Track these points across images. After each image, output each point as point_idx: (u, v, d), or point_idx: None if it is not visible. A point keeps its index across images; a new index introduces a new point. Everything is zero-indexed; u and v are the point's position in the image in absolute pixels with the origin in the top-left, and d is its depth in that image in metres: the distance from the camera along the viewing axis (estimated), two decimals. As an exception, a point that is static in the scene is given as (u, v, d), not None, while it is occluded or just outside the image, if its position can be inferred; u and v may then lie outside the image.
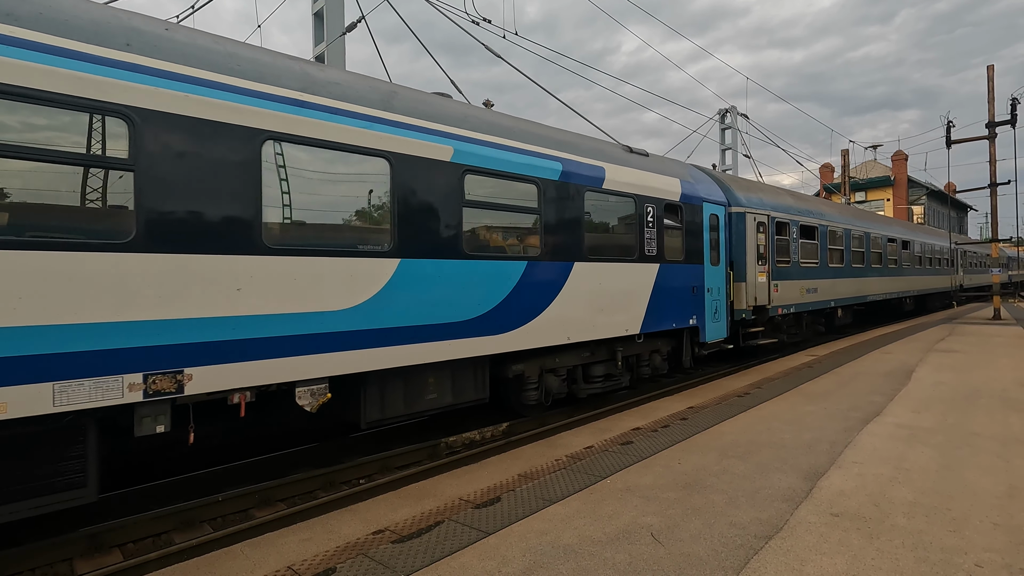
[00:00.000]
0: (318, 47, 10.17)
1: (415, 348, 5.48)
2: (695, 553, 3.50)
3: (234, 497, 5.22)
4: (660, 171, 8.95)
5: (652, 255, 8.39)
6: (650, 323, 8.33)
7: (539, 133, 7.26)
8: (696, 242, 9.37)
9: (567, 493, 4.56)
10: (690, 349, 9.64)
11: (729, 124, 23.54)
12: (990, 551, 3.47)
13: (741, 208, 10.87)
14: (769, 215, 11.59)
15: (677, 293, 8.83)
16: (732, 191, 10.97)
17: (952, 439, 5.81)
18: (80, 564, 4.31)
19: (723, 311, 10.06)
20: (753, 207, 11.20)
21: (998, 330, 16.55)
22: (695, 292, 9.25)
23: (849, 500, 4.27)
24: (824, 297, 14.02)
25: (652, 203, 8.43)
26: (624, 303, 7.90)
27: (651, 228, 8.39)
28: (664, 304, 8.59)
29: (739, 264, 10.81)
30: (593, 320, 7.43)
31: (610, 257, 7.74)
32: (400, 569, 3.42)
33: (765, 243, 11.37)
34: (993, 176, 19.97)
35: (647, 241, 8.31)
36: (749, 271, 10.85)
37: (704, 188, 9.85)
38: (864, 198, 44.49)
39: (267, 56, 4.97)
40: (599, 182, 7.59)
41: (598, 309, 7.49)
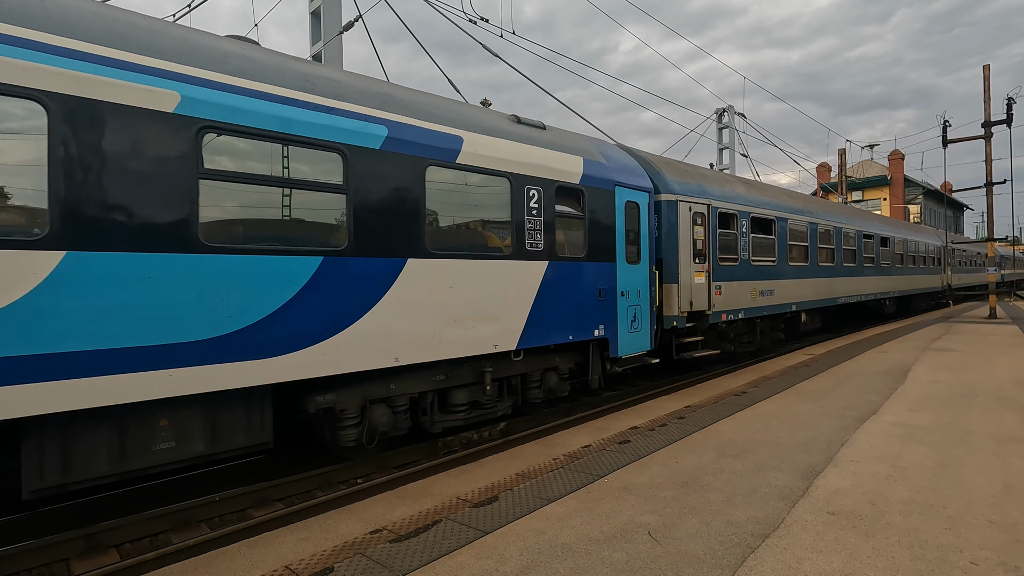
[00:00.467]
0: (315, 46, 10.15)
1: (106, 382, 3.82)
2: (692, 552, 3.51)
3: (231, 497, 5.22)
4: (556, 146, 7.28)
5: (537, 250, 6.75)
6: (534, 336, 6.73)
7: (350, 85, 5.44)
8: (605, 235, 7.74)
9: (565, 492, 4.57)
10: (599, 366, 7.97)
11: (726, 123, 23.57)
12: (985, 549, 3.48)
13: (673, 196, 9.30)
14: (710, 205, 10.08)
15: (575, 298, 7.24)
16: (662, 175, 9.39)
17: (948, 438, 5.83)
18: (77, 564, 4.30)
19: (645, 318, 8.50)
20: (689, 195, 9.67)
21: (994, 329, 16.61)
22: (603, 296, 7.66)
23: (845, 498, 4.29)
24: (783, 300, 12.48)
25: (538, 185, 6.77)
26: (492, 312, 6.25)
27: (535, 217, 6.72)
28: (555, 312, 6.97)
29: (669, 262, 9.27)
30: (440, 334, 5.76)
31: (469, 252, 6.09)
32: (398, 568, 3.42)
33: (705, 237, 9.88)
34: (989, 175, 20.04)
35: (529, 233, 6.64)
36: (683, 270, 9.37)
37: (619, 170, 8.19)
38: (861, 197, 44.62)
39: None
40: (451, 155, 5.91)
41: (449, 320, 5.82)
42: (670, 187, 9.43)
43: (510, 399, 7.09)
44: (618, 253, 7.97)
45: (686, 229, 9.53)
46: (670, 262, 9.32)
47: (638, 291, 8.38)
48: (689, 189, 9.80)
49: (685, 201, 9.54)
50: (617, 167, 8.17)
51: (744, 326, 11.84)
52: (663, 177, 9.44)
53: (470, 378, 6.50)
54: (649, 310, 8.64)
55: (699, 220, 9.83)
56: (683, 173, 10.08)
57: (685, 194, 9.61)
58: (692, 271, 9.58)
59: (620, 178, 8.10)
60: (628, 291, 8.13)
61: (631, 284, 8.22)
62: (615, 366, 8.15)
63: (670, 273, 9.32)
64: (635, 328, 8.31)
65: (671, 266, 9.31)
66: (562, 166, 7.20)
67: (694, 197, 9.81)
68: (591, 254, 7.56)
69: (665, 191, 9.35)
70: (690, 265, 9.54)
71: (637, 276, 8.37)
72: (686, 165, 10.83)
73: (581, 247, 7.44)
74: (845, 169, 31.25)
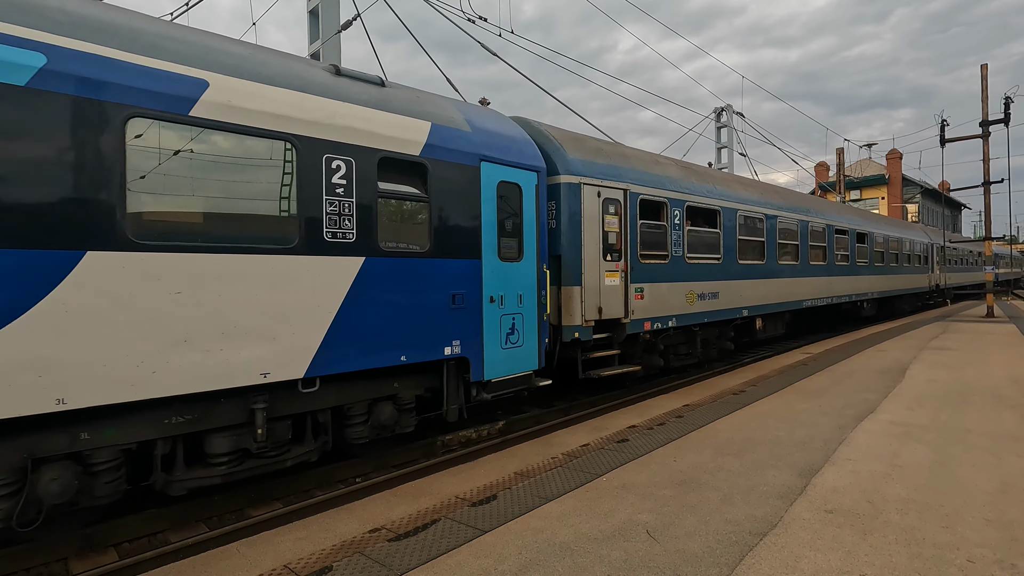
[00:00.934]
0: (313, 45, 10.14)
1: None
2: (690, 550, 3.51)
3: (230, 496, 5.22)
4: (389, 107, 5.64)
5: (345, 243, 5.06)
6: (339, 358, 5.01)
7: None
8: (463, 224, 6.06)
9: (563, 491, 4.57)
10: (459, 393, 6.25)
11: (725, 123, 23.59)
12: (982, 547, 3.50)
13: (575, 177, 7.60)
14: (627, 190, 8.38)
15: (412, 305, 5.58)
16: (561, 152, 7.65)
17: (945, 436, 5.85)
18: (75, 564, 4.30)
19: (531, 330, 6.78)
20: (598, 177, 7.95)
21: (991, 328, 16.65)
22: (459, 303, 6.01)
23: (843, 497, 4.30)
24: (730, 304, 10.68)
25: (347, 154, 5.09)
26: (260, 327, 4.54)
27: (342, 197, 5.05)
28: (377, 324, 5.28)
29: (570, 259, 7.56)
30: (157, 361, 4.05)
31: (213, 244, 4.36)
32: (396, 567, 3.43)
33: (621, 229, 8.24)
34: (987, 175, 20.09)
35: (332, 219, 4.96)
36: (588, 270, 7.70)
37: (490, 142, 6.50)
38: (859, 196, 44.71)
39: None
40: (182, 104, 4.22)
41: (174, 340, 4.13)
42: (571, 166, 7.67)
43: (316, 442, 5.32)
44: (485, 247, 6.26)
45: (593, 219, 7.84)
46: (571, 260, 7.59)
47: (518, 296, 6.63)
48: (598, 170, 8.07)
49: (592, 184, 7.84)
50: (488, 138, 6.49)
51: (681, 335, 10.06)
52: (562, 154, 7.69)
53: (238, 418, 4.68)
54: (537, 319, 6.87)
55: (612, 208, 8.14)
56: (593, 151, 8.36)
57: (593, 176, 7.90)
58: (602, 270, 7.95)
59: (491, 152, 6.42)
60: (502, 296, 6.42)
61: (507, 287, 6.50)
62: (484, 392, 6.35)
63: (571, 273, 7.58)
64: (513, 343, 6.57)
65: (572, 265, 7.59)
66: (393, 132, 5.48)
67: (605, 180, 8.10)
68: (439, 248, 5.84)
69: (565, 171, 7.60)
70: (598, 263, 7.90)
71: (517, 277, 6.64)
72: (602, 142, 8.93)
73: (423, 239, 5.71)
74: (843, 168, 31.29)
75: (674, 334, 9.82)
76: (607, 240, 8.07)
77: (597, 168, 8.12)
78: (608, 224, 8.09)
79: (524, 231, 6.80)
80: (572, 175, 7.70)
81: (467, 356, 6.10)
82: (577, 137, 8.56)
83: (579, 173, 7.77)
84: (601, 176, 8.11)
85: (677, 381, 10.16)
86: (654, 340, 9.44)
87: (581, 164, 7.87)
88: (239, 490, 5.29)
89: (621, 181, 8.43)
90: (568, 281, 7.61)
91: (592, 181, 7.91)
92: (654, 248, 8.99)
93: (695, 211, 10.05)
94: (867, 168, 46.48)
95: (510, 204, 6.66)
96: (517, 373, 6.69)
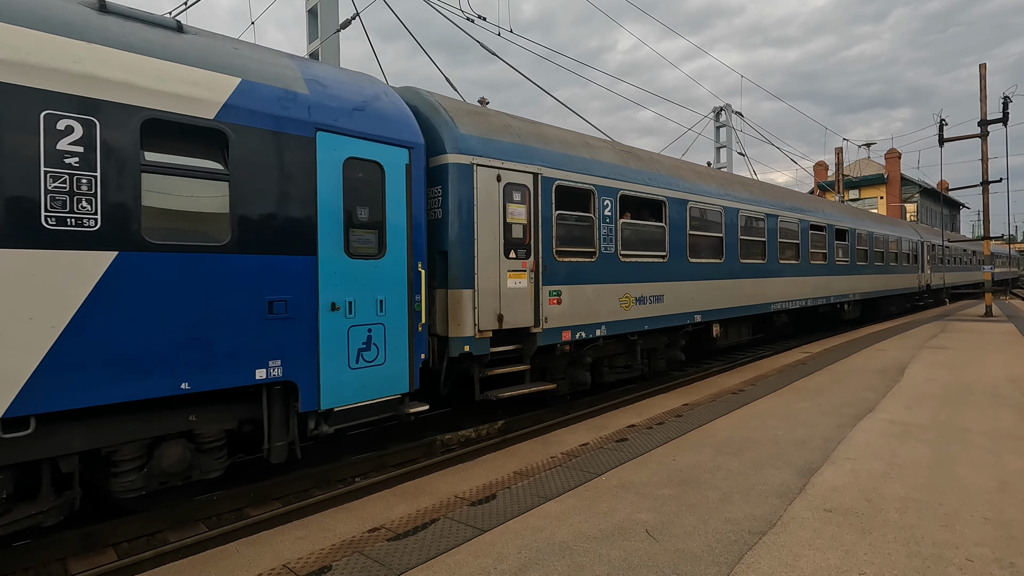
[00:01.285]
0: (312, 44, 10.13)
1: None
2: (689, 549, 3.52)
3: (229, 496, 5.21)
4: (185, 57, 4.45)
5: (82, 230, 3.83)
6: (71, 387, 3.77)
7: None
8: (289, 211, 4.80)
9: (562, 490, 4.58)
10: (288, 427, 4.97)
11: (724, 122, 23.61)
12: (981, 545, 3.50)
13: (467, 157, 6.31)
14: (539, 175, 7.02)
15: (202, 316, 4.33)
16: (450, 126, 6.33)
17: (944, 435, 5.85)
18: (74, 564, 4.30)
19: (395, 345, 5.50)
20: (499, 157, 6.62)
21: (990, 327, 16.68)
22: (280, 311, 4.74)
23: (842, 496, 4.30)
24: (679, 308, 9.35)
25: (87, 112, 3.87)
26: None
27: (80, 169, 3.83)
28: (141, 341, 4.04)
29: (460, 257, 6.27)
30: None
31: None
32: (395, 567, 3.43)
33: (530, 221, 6.93)
34: (985, 174, 20.11)
35: (59, 198, 3.75)
36: (484, 269, 6.43)
37: (335, 107, 5.20)
38: (858, 196, 44.75)
39: None
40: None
41: None
42: (463, 144, 6.35)
43: (58, 499, 4.04)
44: (323, 241, 4.98)
45: (491, 208, 6.54)
46: (461, 257, 6.30)
47: (378, 301, 5.39)
48: (500, 149, 6.72)
49: (491, 166, 6.55)
50: (334, 103, 5.17)
51: (619, 345, 8.81)
52: (451, 129, 6.35)
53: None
54: (408, 330, 5.62)
55: (517, 195, 6.84)
56: (497, 128, 6.93)
57: (492, 156, 6.59)
58: (503, 270, 6.64)
59: (336, 121, 5.13)
60: (351, 302, 5.18)
61: (359, 291, 5.26)
62: (325, 424, 5.06)
63: (460, 274, 6.29)
64: (370, 360, 5.32)
65: (462, 263, 6.29)
66: (171, 86, 4.23)
67: (509, 161, 6.76)
68: (247, 241, 4.56)
69: (454, 150, 6.30)
70: (498, 261, 6.59)
71: (376, 278, 5.38)
72: (514, 118, 7.58)
73: (221, 229, 4.46)
74: (842, 168, 31.32)
75: (607, 344, 8.52)
76: (510, 234, 6.73)
77: (498, 147, 6.74)
78: (512, 214, 6.75)
79: (388, 221, 5.50)
80: (463, 154, 6.35)
81: (293, 380, 4.78)
82: (478, 111, 7.15)
83: (473, 152, 6.44)
84: (504, 157, 6.75)
85: (676, 380, 10.16)
86: (579, 352, 8.06)
87: (477, 142, 6.53)
88: (238, 490, 5.29)
89: (531, 163, 7.05)
90: (457, 283, 6.28)
91: (490, 162, 6.56)
92: (577, 244, 7.66)
93: (634, 201, 8.72)
94: (866, 168, 46.52)
95: (366, 187, 5.37)
96: (376, 399, 5.38)
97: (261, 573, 3.55)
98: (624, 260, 8.35)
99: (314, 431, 5.04)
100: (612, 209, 8.18)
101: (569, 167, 7.60)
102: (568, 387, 8.04)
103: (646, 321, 8.71)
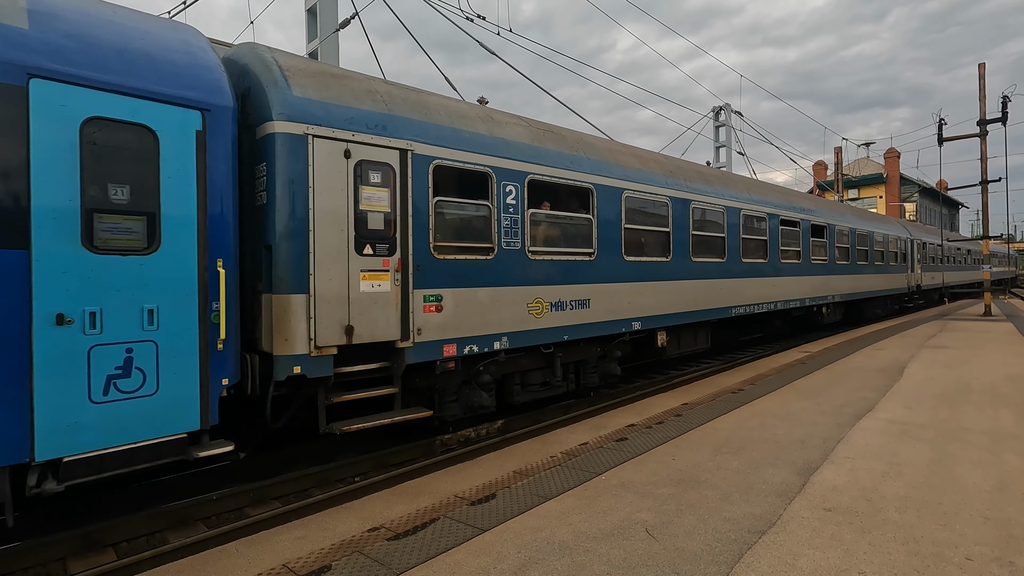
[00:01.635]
0: (311, 43, 10.13)
1: None
2: (689, 548, 3.52)
3: (228, 495, 5.21)
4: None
5: None
6: None
7: None
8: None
9: (562, 490, 4.58)
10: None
11: (723, 122, 23.61)
12: (980, 544, 3.50)
13: (299, 126, 4.98)
14: (409, 151, 5.71)
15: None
16: (280, 85, 5.03)
17: (943, 434, 5.86)
18: (73, 563, 4.30)
19: (174, 367, 4.18)
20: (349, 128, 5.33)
21: (989, 326, 16.69)
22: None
23: (842, 495, 4.31)
24: (610, 314, 7.98)
25: None
26: None
27: None
28: None
29: (286, 253, 4.93)
30: None
31: None
32: (395, 566, 3.43)
33: (395, 208, 5.60)
34: (984, 173, 20.13)
35: None
36: (324, 269, 5.12)
37: (69, 45, 3.94)
38: (857, 195, 44.79)
39: None
40: None
41: None
42: (295, 108, 5.04)
43: None
44: (38, 227, 3.71)
45: (336, 191, 5.22)
46: (287, 253, 4.95)
47: (145, 311, 4.07)
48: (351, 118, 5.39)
49: (335, 138, 5.22)
50: (65, 40, 3.91)
51: (531, 360, 7.37)
52: (281, 88, 5.04)
53: None
54: (197, 349, 4.32)
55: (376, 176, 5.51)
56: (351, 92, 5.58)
57: (337, 125, 5.27)
58: (353, 270, 5.32)
59: (68, 64, 3.87)
60: (94, 313, 3.87)
61: (115, 297, 3.96)
62: (54, 480, 3.79)
63: (289, 274, 4.94)
64: (129, 391, 4.00)
65: (290, 261, 4.95)
66: None
67: (363, 133, 5.41)
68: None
69: (282, 115, 4.97)
70: (347, 259, 5.28)
71: (141, 279, 4.09)
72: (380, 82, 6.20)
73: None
74: (841, 167, 31.34)
75: (514, 359, 7.08)
76: (365, 224, 5.40)
77: (349, 115, 5.38)
78: (366, 199, 5.43)
79: (166, 206, 4.22)
80: (294, 122, 4.99)
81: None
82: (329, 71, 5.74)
83: (310, 120, 5.08)
84: (357, 127, 5.39)
85: (675, 380, 10.16)
86: (473, 370, 6.64)
87: (317, 107, 5.18)
88: (238, 490, 5.29)
89: (399, 137, 5.66)
90: (283, 287, 4.91)
91: (335, 133, 5.22)
92: (468, 238, 6.33)
93: (552, 189, 7.36)
94: (865, 167, 46.55)
95: (126, 159, 4.10)
96: (141, 441, 4.05)
97: (261, 573, 3.55)
98: (534, 258, 6.96)
99: (35, 490, 3.74)
100: (518, 196, 6.78)
101: (455, 143, 6.18)
102: (462, 411, 6.71)
103: (566, 330, 7.37)
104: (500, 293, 6.60)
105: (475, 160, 6.38)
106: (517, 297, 6.78)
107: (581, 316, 7.61)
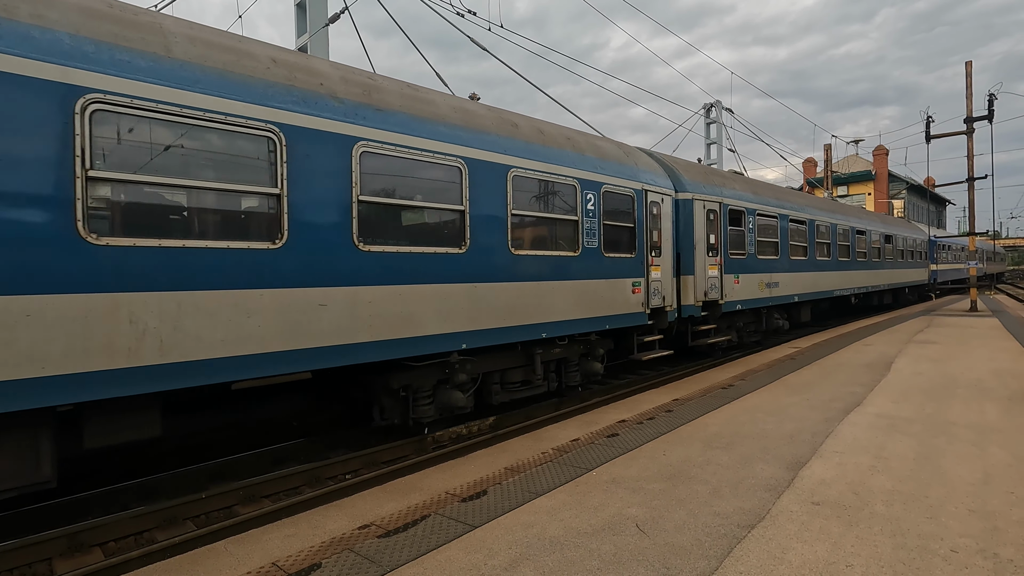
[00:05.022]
0: (301, 38, 10.03)
1: None
2: (679, 543, 3.53)
3: (218, 494, 5.17)
4: None
5: None
6: None
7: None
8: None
9: (553, 486, 4.58)
10: None
11: (714, 119, 23.68)
12: (965, 536, 3.55)
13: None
14: None
15: None
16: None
17: (930, 428, 5.92)
18: (59, 564, 4.25)
19: None
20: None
21: (974, 322, 16.89)
22: None
23: (830, 489, 4.34)
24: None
25: None
26: None
27: None
28: None
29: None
30: None
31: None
32: (386, 563, 3.41)
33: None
34: (971, 171, 20.33)
35: None
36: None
37: None
38: (846, 192, 45.11)
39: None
40: None
41: None
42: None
43: None
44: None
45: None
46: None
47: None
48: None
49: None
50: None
51: None
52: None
53: None
54: None
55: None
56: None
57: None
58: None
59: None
60: None
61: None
62: None
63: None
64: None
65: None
66: None
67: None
68: None
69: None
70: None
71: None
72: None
73: None
74: (831, 164, 31.55)
75: None
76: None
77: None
78: None
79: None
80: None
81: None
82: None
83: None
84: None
85: (667, 376, 10.20)
86: None
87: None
88: (227, 488, 5.25)
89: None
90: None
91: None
92: None
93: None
94: (854, 164, 46.89)
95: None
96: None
97: (250, 571, 3.53)
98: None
99: None
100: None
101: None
102: None
103: None
104: None
105: None
106: None
107: None
